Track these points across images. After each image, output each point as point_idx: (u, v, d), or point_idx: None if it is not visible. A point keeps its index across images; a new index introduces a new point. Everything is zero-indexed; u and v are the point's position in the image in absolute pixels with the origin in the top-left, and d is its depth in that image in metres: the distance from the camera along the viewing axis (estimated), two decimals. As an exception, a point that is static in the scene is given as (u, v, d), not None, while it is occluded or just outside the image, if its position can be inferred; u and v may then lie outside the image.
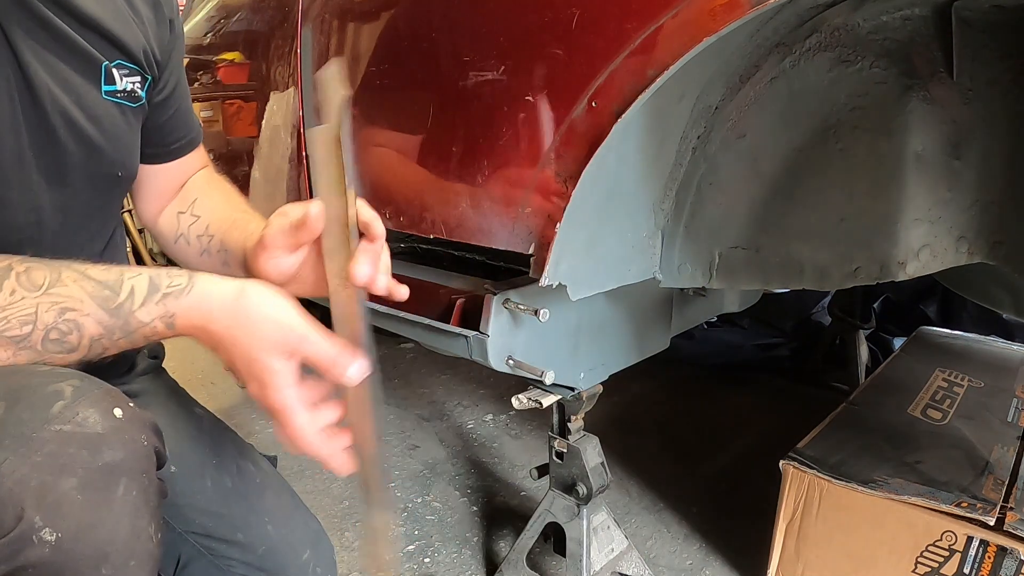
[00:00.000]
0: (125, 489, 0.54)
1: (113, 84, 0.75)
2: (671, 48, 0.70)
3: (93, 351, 0.59)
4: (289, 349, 0.58)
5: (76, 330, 0.58)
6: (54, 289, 0.57)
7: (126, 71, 0.77)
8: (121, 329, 0.59)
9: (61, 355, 0.58)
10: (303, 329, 0.58)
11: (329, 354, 0.58)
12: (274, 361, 0.58)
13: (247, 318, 0.59)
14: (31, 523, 0.48)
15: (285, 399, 0.58)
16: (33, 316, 0.56)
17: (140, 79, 0.79)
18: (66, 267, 0.59)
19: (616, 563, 1.14)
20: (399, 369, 2.38)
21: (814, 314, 2.33)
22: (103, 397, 0.55)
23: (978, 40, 0.77)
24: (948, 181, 0.86)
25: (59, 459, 0.50)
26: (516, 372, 0.96)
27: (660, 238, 1.00)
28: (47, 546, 0.49)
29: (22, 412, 0.51)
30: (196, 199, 0.90)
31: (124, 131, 0.78)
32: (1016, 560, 0.93)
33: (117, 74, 0.75)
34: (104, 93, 0.74)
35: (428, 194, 1.02)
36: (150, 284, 0.60)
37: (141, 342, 0.61)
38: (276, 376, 0.58)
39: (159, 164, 0.90)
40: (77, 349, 0.59)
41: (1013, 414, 1.34)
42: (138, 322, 0.59)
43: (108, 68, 0.74)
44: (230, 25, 1.64)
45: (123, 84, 0.76)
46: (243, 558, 0.87)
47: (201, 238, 0.85)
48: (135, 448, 0.55)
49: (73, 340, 0.58)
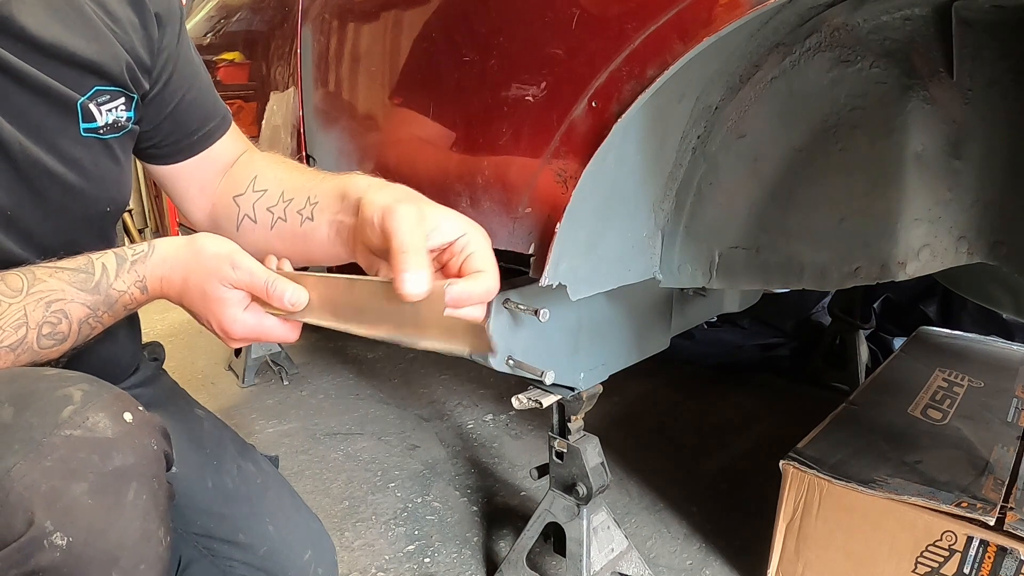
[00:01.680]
0: (135, 493, 0.54)
1: (92, 121, 0.71)
2: (671, 48, 0.70)
3: (82, 335, 0.62)
4: (231, 279, 0.63)
5: (64, 318, 0.60)
6: (35, 288, 0.59)
7: (106, 97, 0.71)
8: (104, 304, 0.63)
9: (54, 347, 0.60)
10: (240, 257, 0.63)
11: (263, 279, 0.63)
12: (222, 291, 0.63)
13: (197, 259, 0.64)
14: (42, 528, 0.48)
15: (233, 320, 0.64)
16: (24, 318, 0.58)
17: (124, 100, 0.74)
18: (36, 267, 0.61)
19: (616, 563, 1.14)
20: (399, 369, 2.38)
21: (814, 314, 2.33)
22: (113, 402, 0.55)
23: (978, 40, 0.77)
24: (948, 181, 0.86)
25: (69, 464, 0.50)
26: (516, 372, 0.96)
27: (660, 238, 1.00)
28: (58, 551, 0.49)
29: (31, 417, 0.51)
30: (255, 176, 0.84)
31: (109, 167, 0.75)
32: (1016, 560, 0.93)
33: (95, 108, 0.70)
34: (83, 131, 0.70)
35: (428, 194, 1.01)
36: (117, 258, 0.64)
37: (122, 313, 0.65)
38: (226, 304, 0.64)
39: (190, 158, 0.85)
40: (68, 337, 0.61)
41: (1013, 414, 1.34)
42: (117, 293, 0.63)
43: (84, 105, 0.69)
44: (230, 25, 1.64)
45: (104, 118, 0.71)
46: (244, 559, 0.87)
47: (274, 208, 0.81)
48: (145, 452, 0.56)
49: (63, 328, 0.60)
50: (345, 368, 2.40)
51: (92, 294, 0.62)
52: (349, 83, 1.17)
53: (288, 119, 1.34)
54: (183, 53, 0.83)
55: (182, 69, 0.83)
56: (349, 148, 1.18)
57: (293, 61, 1.29)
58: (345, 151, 1.19)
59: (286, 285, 0.62)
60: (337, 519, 1.49)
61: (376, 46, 1.09)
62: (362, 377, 2.32)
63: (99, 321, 0.63)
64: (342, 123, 1.19)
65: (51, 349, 0.60)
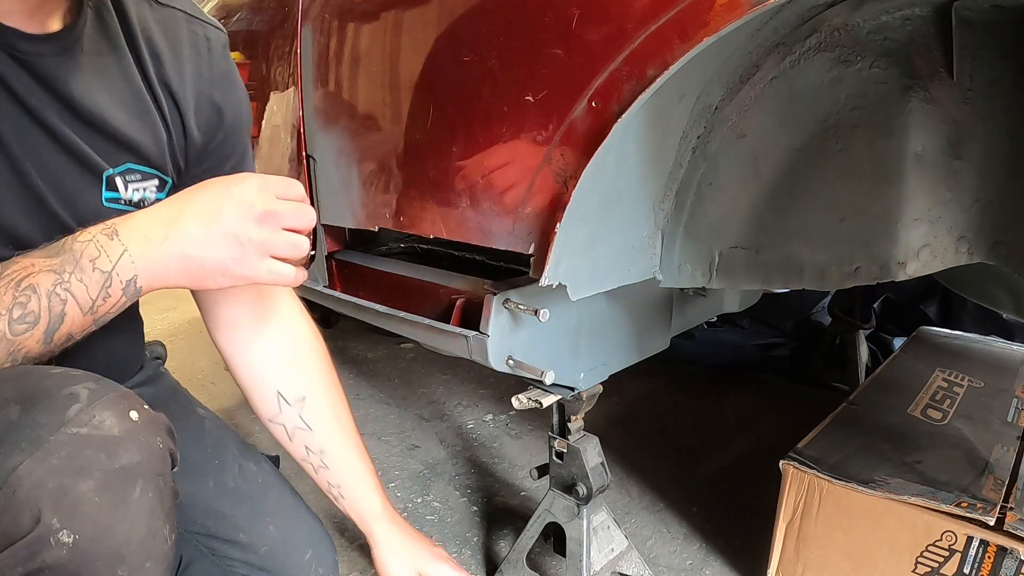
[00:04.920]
0: (141, 491, 0.54)
1: (115, 191, 0.71)
2: (671, 48, 0.70)
3: (54, 312, 0.57)
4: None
5: (33, 293, 0.56)
6: (6, 272, 0.57)
7: (137, 176, 0.72)
8: (71, 262, 0.58)
9: (27, 332, 0.57)
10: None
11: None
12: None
13: (197, 188, 0.65)
14: (48, 525, 0.49)
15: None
16: None
17: (158, 183, 0.74)
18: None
19: (616, 563, 1.14)
20: (399, 369, 2.39)
21: (814, 314, 2.33)
22: (119, 400, 0.56)
23: (978, 40, 0.77)
24: (948, 181, 0.86)
25: (76, 462, 0.51)
26: (516, 372, 0.96)
27: (660, 238, 1.00)
28: (64, 548, 0.49)
29: (38, 415, 0.51)
30: (305, 398, 0.91)
31: None
32: (1016, 560, 0.93)
33: (121, 182, 0.71)
34: (105, 201, 0.70)
35: (428, 194, 1.02)
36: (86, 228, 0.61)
37: (88, 269, 0.59)
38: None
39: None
40: (39, 317, 0.57)
41: (1013, 414, 1.34)
42: (81, 244, 0.59)
43: (111, 177, 0.70)
44: (230, 25, 1.64)
45: (129, 193, 0.71)
46: (245, 558, 0.87)
47: (312, 454, 0.93)
48: (151, 451, 0.56)
49: (33, 307, 0.56)
50: (345, 368, 2.40)
51: (56, 255, 0.58)
52: (349, 83, 1.17)
53: (288, 119, 1.34)
54: (241, 146, 0.86)
55: (238, 161, 0.85)
56: (349, 148, 1.18)
57: (293, 61, 1.29)
58: (345, 151, 1.19)
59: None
60: (337, 519, 1.48)
61: (376, 46, 1.09)
62: (362, 377, 2.32)
63: (67, 290, 0.58)
64: (342, 123, 1.19)
65: (25, 335, 0.56)
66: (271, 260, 0.64)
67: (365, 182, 1.15)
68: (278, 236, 0.63)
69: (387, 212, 1.10)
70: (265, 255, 0.63)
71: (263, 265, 0.63)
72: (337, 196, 1.23)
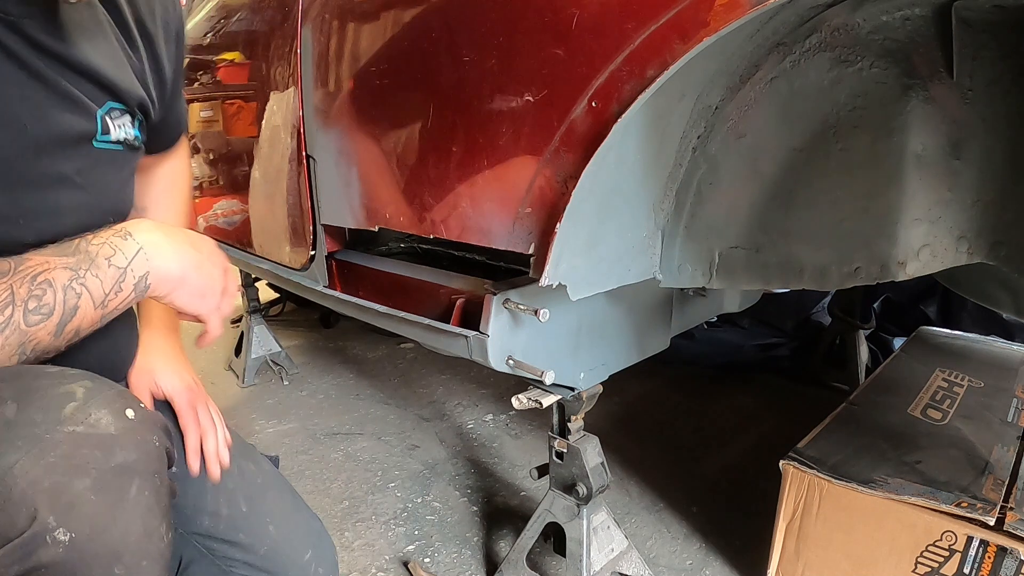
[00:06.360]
0: (138, 489, 0.54)
1: (107, 133, 0.73)
2: (671, 48, 0.70)
3: (68, 305, 0.60)
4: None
5: (48, 287, 0.58)
6: (20, 267, 0.58)
7: (117, 112, 0.75)
8: (86, 261, 0.61)
9: (41, 324, 0.58)
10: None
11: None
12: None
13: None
14: (45, 523, 0.49)
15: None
16: (10, 297, 0.57)
17: (130, 118, 0.77)
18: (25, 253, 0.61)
19: (616, 563, 1.14)
20: (399, 369, 2.39)
21: (814, 314, 2.33)
22: (115, 398, 0.56)
23: (978, 40, 0.77)
24: (948, 181, 0.86)
25: (72, 460, 0.51)
26: (516, 372, 0.96)
27: (660, 238, 1.00)
28: (61, 546, 0.49)
29: (34, 414, 0.51)
30: (146, 208, 0.97)
31: (115, 179, 0.77)
32: (1016, 560, 0.93)
33: (109, 121, 0.73)
34: (96, 143, 0.73)
35: (428, 194, 1.02)
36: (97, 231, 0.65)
37: (104, 266, 0.62)
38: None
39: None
40: (54, 310, 0.59)
41: (1013, 414, 1.34)
42: (95, 246, 0.63)
43: (103, 117, 0.72)
44: (230, 25, 1.64)
45: (116, 132, 0.75)
46: (245, 558, 0.87)
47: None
48: (147, 449, 0.56)
49: (48, 300, 0.58)
50: (345, 368, 2.40)
51: (72, 255, 0.61)
52: (349, 83, 1.17)
53: (288, 119, 1.34)
54: (180, 73, 0.91)
55: (179, 94, 0.91)
56: (349, 148, 1.18)
57: (293, 61, 1.29)
58: (345, 151, 1.19)
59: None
60: (337, 519, 1.49)
61: (376, 46, 1.09)
62: (362, 377, 2.32)
63: (83, 284, 0.60)
64: (342, 123, 1.19)
65: (38, 326, 0.58)
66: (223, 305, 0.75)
67: (365, 182, 1.15)
68: (231, 286, 0.76)
69: (387, 212, 1.10)
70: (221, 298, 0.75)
71: (220, 305, 0.74)
72: (337, 196, 1.23)
